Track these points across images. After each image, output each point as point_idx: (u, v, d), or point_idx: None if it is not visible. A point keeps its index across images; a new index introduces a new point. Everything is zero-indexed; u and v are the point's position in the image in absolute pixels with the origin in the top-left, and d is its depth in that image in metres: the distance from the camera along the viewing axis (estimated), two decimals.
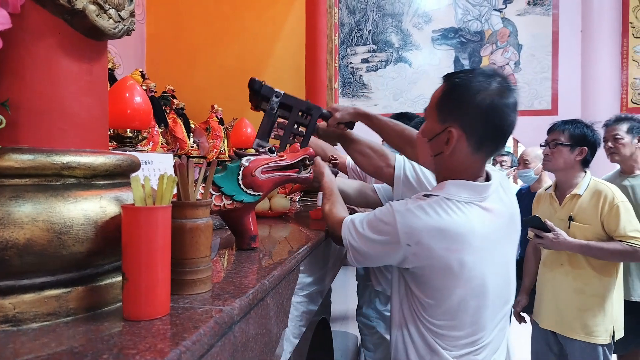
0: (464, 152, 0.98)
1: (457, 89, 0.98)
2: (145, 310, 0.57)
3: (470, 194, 0.97)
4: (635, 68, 5.78)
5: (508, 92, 0.95)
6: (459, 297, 0.96)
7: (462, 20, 6.27)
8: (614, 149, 2.28)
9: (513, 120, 0.97)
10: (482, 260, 0.96)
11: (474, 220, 0.95)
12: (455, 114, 0.97)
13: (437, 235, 0.93)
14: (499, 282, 1.01)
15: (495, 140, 0.99)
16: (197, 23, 3.58)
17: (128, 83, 1.46)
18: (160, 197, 0.60)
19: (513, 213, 1.07)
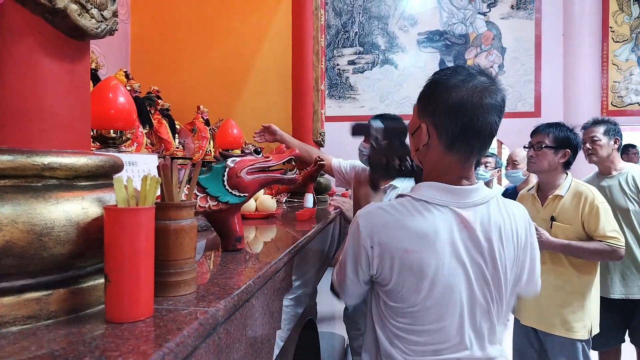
0: (437, 150, 0.96)
1: (434, 84, 0.97)
2: (128, 312, 0.56)
3: (445, 196, 0.94)
4: (615, 71, 5.93)
5: (484, 92, 0.91)
6: (419, 301, 0.92)
7: (447, 23, 6.35)
8: (592, 150, 2.35)
9: (488, 121, 0.91)
10: (450, 268, 0.91)
11: (440, 223, 0.91)
12: (429, 109, 0.96)
13: (397, 234, 0.91)
14: (476, 300, 0.94)
15: (466, 140, 0.93)
16: (182, 23, 3.55)
17: (111, 83, 1.44)
18: (144, 198, 0.60)
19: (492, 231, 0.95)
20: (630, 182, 2.28)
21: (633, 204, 2.26)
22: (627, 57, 5.90)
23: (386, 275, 0.94)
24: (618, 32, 5.93)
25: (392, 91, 6.34)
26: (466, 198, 0.95)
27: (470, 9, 6.30)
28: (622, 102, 5.91)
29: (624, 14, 5.91)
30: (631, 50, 5.89)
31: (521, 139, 2.63)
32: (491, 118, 0.92)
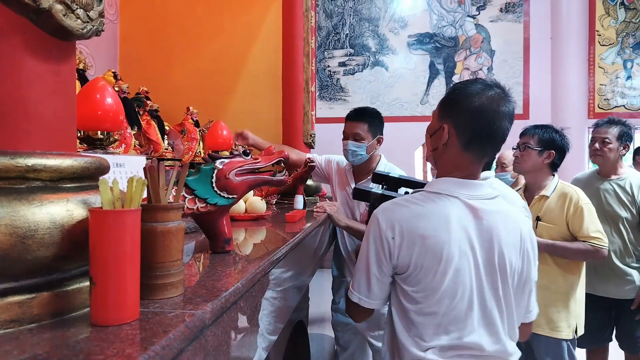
0: (455, 149, 1.06)
1: (456, 91, 1.09)
2: (113, 315, 0.56)
3: (457, 188, 1.04)
4: (602, 75, 6.01)
5: (501, 101, 1.04)
6: (434, 283, 1.00)
7: (437, 25, 6.39)
8: (600, 152, 2.29)
9: (502, 127, 1.04)
10: (460, 252, 0.99)
11: (451, 210, 1.01)
12: (450, 113, 1.08)
13: (415, 222, 1.01)
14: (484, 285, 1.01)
15: (482, 141, 1.05)
16: (172, 24, 3.53)
17: (99, 84, 1.42)
18: (129, 200, 0.59)
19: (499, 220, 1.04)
20: (628, 189, 2.26)
21: (625, 211, 2.25)
22: (613, 60, 5.99)
23: (405, 261, 1.02)
24: (604, 36, 6.02)
25: (382, 93, 6.36)
26: (475, 191, 1.05)
27: (460, 11, 6.35)
28: (609, 105, 5.99)
29: (610, 18, 6.01)
30: (617, 54, 5.98)
31: (510, 141, 2.65)
32: (505, 124, 1.05)
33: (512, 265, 1.04)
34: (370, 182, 1.49)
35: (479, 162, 1.08)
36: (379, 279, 1.06)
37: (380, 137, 2.17)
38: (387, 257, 1.04)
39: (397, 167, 2.17)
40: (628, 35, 5.95)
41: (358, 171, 2.22)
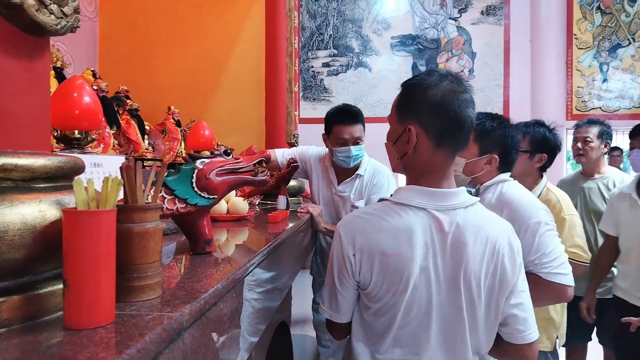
0: (427, 149, 0.98)
1: (411, 88, 1.01)
2: (87, 319, 0.54)
3: (424, 199, 0.97)
4: (579, 77, 6.16)
5: (460, 88, 0.97)
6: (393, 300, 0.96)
7: (420, 27, 6.46)
8: (583, 151, 2.33)
9: (469, 115, 0.97)
10: (421, 269, 0.94)
11: (415, 225, 0.94)
12: (412, 112, 0.99)
13: (375, 237, 0.96)
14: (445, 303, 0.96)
15: (453, 133, 0.97)
16: (153, 22, 3.48)
17: (76, 82, 1.39)
18: (105, 200, 0.58)
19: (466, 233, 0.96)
20: (611, 187, 2.30)
21: None
22: (590, 63, 6.14)
23: (366, 278, 0.98)
24: (581, 40, 6.17)
25: (366, 94, 6.39)
26: (444, 201, 0.97)
27: (442, 14, 6.43)
28: (586, 107, 6.14)
29: (587, 22, 6.16)
30: (594, 57, 6.14)
31: None
32: (470, 111, 0.97)
33: (479, 282, 0.96)
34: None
35: (452, 158, 1.00)
36: (343, 295, 1.03)
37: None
38: (349, 273, 1.00)
39: (379, 163, 2.17)
40: (604, 39, 6.11)
41: (340, 170, 2.21)
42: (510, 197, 1.38)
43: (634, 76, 6.02)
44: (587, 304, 2.24)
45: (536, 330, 1.04)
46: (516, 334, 1.02)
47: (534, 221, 1.31)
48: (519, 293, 1.02)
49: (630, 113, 5.94)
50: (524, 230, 1.30)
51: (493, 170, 1.48)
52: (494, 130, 1.46)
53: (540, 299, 1.32)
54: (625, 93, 6.04)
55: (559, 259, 1.30)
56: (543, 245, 1.30)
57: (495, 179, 1.47)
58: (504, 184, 1.45)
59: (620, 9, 6.07)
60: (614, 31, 6.08)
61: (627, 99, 6.03)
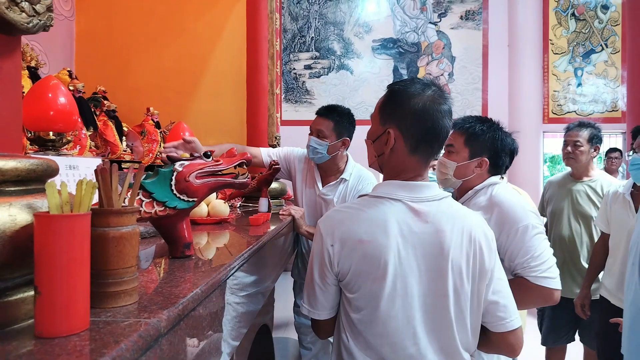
0: (402, 152, 1.04)
1: (396, 94, 1.05)
2: (60, 326, 0.52)
3: (400, 191, 1.02)
4: (555, 81, 6.31)
5: (441, 99, 1.03)
6: (373, 289, 0.98)
7: (400, 31, 6.52)
8: (573, 155, 2.35)
9: (446, 125, 1.03)
10: (401, 257, 0.96)
11: (391, 215, 0.99)
12: (393, 116, 1.04)
13: (352, 227, 1.00)
14: (428, 291, 0.98)
15: (429, 141, 1.03)
16: (131, 22, 3.42)
17: (51, 82, 1.36)
18: (78, 204, 0.56)
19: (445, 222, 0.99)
20: (599, 190, 2.33)
21: (595, 211, 2.31)
22: (565, 68, 6.30)
23: (345, 268, 1.00)
24: (557, 45, 6.33)
25: (347, 96, 6.42)
26: (419, 193, 1.02)
27: (422, 18, 6.51)
28: (561, 110, 6.29)
29: (562, 28, 6.32)
30: (569, 62, 6.30)
31: None
32: (447, 122, 1.03)
33: (460, 269, 0.98)
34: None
35: (426, 163, 1.06)
36: (322, 290, 1.05)
37: (346, 140, 2.13)
38: (327, 266, 1.02)
39: (365, 169, 2.18)
40: (578, 44, 6.28)
41: (324, 171, 2.20)
42: (500, 200, 1.41)
43: (606, 81, 6.20)
44: (581, 301, 2.27)
45: (518, 317, 1.06)
46: (498, 322, 1.03)
47: (523, 224, 1.33)
48: (497, 280, 1.04)
49: (604, 117, 6.11)
50: (513, 233, 1.33)
51: (484, 173, 1.50)
52: (484, 133, 1.48)
53: (528, 302, 1.34)
54: (599, 97, 6.22)
55: (547, 262, 1.32)
56: (532, 249, 1.31)
57: (486, 181, 1.50)
58: (495, 187, 1.47)
59: (594, 16, 6.25)
60: (588, 37, 6.26)
61: (601, 103, 6.21)
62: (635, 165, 1.70)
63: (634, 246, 1.72)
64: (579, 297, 2.28)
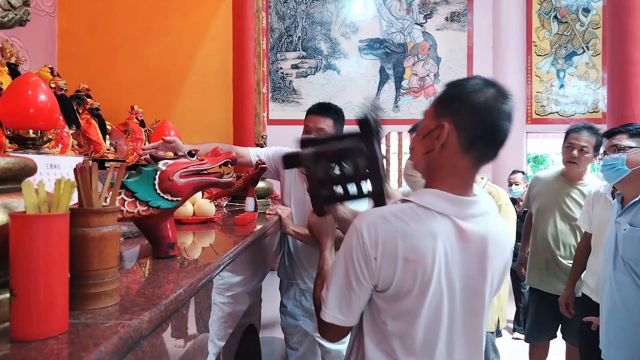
0: (454, 150, 0.95)
1: (455, 87, 0.99)
2: (37, 329, 0.51)
3: (448, 205, 0.95)
4: (538, 83, 6.41)
5: (503, 99, 0.95)
6: (412, 311, 0.94)
7: (387, 32, 6.55)
8: (577, 159, 2.30)
9: (505, 127, 0.95)
10: (439, 276, 0.93)
11: (439, 233, 0.93)
12: (450, 109, 0.96)
13: (399, 243, 0.92)
14: (458, 310, 0.97)
15: (485, 141, 0.95)
16: (115, 19, 3.37)
17: (31, 79, 1.33)
18: (57, 203, 0.55)
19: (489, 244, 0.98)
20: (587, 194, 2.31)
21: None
22: (548, 69, 6.40)
23: (386, 282, 0.93)
24: (540, 47, 6.43)
25: (334, 96, 6.42)
26: (467, 209, 0.96)
27: (408, 19, 6.54)
28: (544, 111, 6.39)
29: (545, 30, 6.42)
30: (551, 64, 6.40)
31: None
32: (508, 124, 0.95)
33: (492, 289, 1.00)
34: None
35: (477, 168, 0.98)
36: (359, 296, 0.96)
37: None
38: (367, 276, 0.94)
39: None
40: (561, 46, 6.39)
41: None
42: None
43: (587, 83, 6.32)
44: (565, 300, 2.30)
45: None
46: None
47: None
48: None
49: (585, 118, 6.22)
50: None
51: None
52: None
53: None
54: (580, 99, 6.33)
55: None
56: None
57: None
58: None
59: (575, 19, 6.36)
60: (570, 39, 6.37)
61: (582, 104, 6.32)
62: (606, 166, 1.74)
63: (607, 244, 1.76)
64: (563, 296, 2.31)
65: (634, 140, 1.72)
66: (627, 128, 1.78)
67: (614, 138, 1.77)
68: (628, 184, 1.70)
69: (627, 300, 1.64)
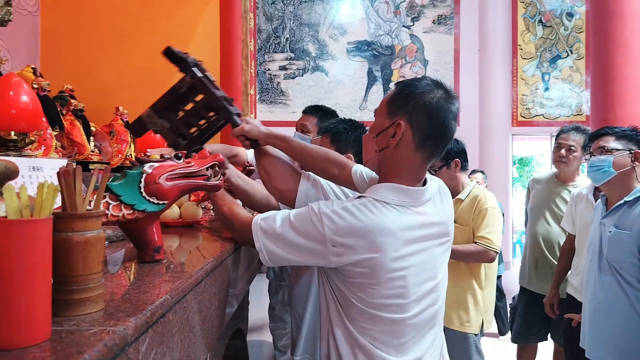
0: (408, 147, 1.02)
1: (409, 87, 1.04)
2: (18, 337, 0.50)
3: (403, 197, 1.00)
4: (524, 86, 6.50)
5: (451, 100, 1.03)
6: (380, 297, 0.99)
7: (375, 34, 6.59)
8: (565, 158, 2.35)
9: (453, 127, 1.03)
10: (407, 264, 0.98)
11: (399, 222, 0.98)
12: (405, 109, 1.02)
13: (361, 235, 0.95)
14: (424, 288, 1.03)
15: (436, 140, 1.02)
16: (101, 18, 3.33)
17: (12, 80, 1.30)
18: (39, 208, 0.54)
19: (447, 220, 1.10)
20: None
21: None
22: (533, 72, 6.50)
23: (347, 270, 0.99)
24: (525, 50, 6.52)
25: (322, 98, 6.42)
26: (420, 197, 1.04)
27: (396, 21, 6.59)
28: (530, 114, 6.49)
29: (530, 34, 6.52)
30: (536, 67, 6.50)
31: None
32: (455, 124, 1.04)
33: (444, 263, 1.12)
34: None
35: (427, 163, 1.05)
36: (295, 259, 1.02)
37: None
38: (316, 260, 1.00)
39: None
40: (545, 50, 6.49)
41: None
42: None
43: (572, 86, 6.43)
44: (550, 301, 2.32)
45: None
46: None
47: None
48: None
49: (569, 120, 6.32)
50: None
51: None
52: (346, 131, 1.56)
53: None
54: (565, 102, 6.44)
55: None
56: None
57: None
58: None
59: (560, 23, 6.47)
60: (554, 43, 6.48)
61: (567, 107, 6.43)
62: (593, 167, 1.77)
63: (592, 244, 1.79)
64: (548, 297, 2.34)
65: (620, 142, 1.75)
66: (614, 130, 1.81)
67: (601, 139, 1.80)
68: (613, 186, 1.73)
69: (611, 301, 1.66)
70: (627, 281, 1.61)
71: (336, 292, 1.05)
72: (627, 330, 1.61)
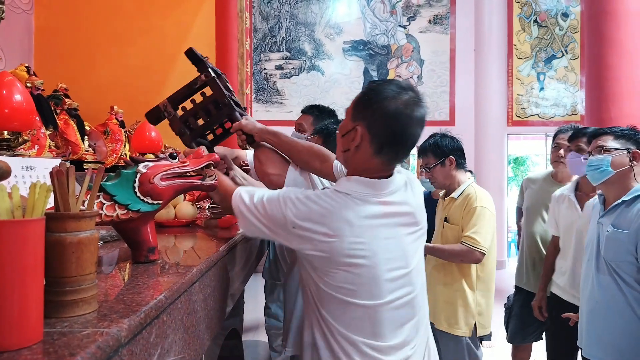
0: (366, 153, 1.04)
1: (371, 92, 1.04)
2: (9, 339, 0.49)
3: (365, 189, 1.03)
4: (519, 85, 6.53)
5: (415, 106, 1.02)
6: (343, 281, 1.01)
7: (371, 34, 6.59)
8: (563, 159, 2.33)
9: (415, 133, 1.03)
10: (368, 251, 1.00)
11: (359, 211, 1.01)
12: (364, 115, 1.03)
13: (318, 220, 1.00)
14: (394, 275, 1.04)
15: (394, 146, 1.03)
16: (96, 17, 3.31)
17: (5, 79, 1.29)
18: (31, 208, 0.53)
19: (415, 210, 1.11)
20: None
21: None
22: (529, 72, 6.53)
23: (312, 255, 1.02)
24: (521, 50, 6.55)
25: (318, 97, 6.42)
26: (384, 189, 1.05)
27: (392, 21, 6.59)
28: (525, 114, 6.51)
29: (526, 34, 6.54)
30: (532, 67, 6.53)
31: None
32: (417, 130, 1.04)
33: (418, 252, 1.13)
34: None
35: (390, 166, 1.08)
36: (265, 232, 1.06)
37: None
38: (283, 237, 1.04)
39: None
40: (541, 50, 6.52)
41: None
42: None
43: (567, 86, 6.46)
44: (538, 303, 2.32)
45: None
46: None
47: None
48: None
49: (564, 120, 6.36)
50: None
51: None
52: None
53: None
54: (560, 101, 6.47)
55: None
56: None
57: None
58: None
59: (555, 23, 6.50)
60: (549, 43, 6.51)
61: (562, 106, 6.46)
62: (591, 166, 1.77)
63: (589, 243, 1.79)
64: (536, 300, 2.32)
65: (618, 142, 1.75)
66: (612, 130, 1.81)
67: (599, 139, 1.80)
68: (611, 185, 1.73)
69: (608, 300, 1.66)
70: (624, 281, 1.62)
71: (310, 281, 1.08)
72: (625, 329, 1.61)
